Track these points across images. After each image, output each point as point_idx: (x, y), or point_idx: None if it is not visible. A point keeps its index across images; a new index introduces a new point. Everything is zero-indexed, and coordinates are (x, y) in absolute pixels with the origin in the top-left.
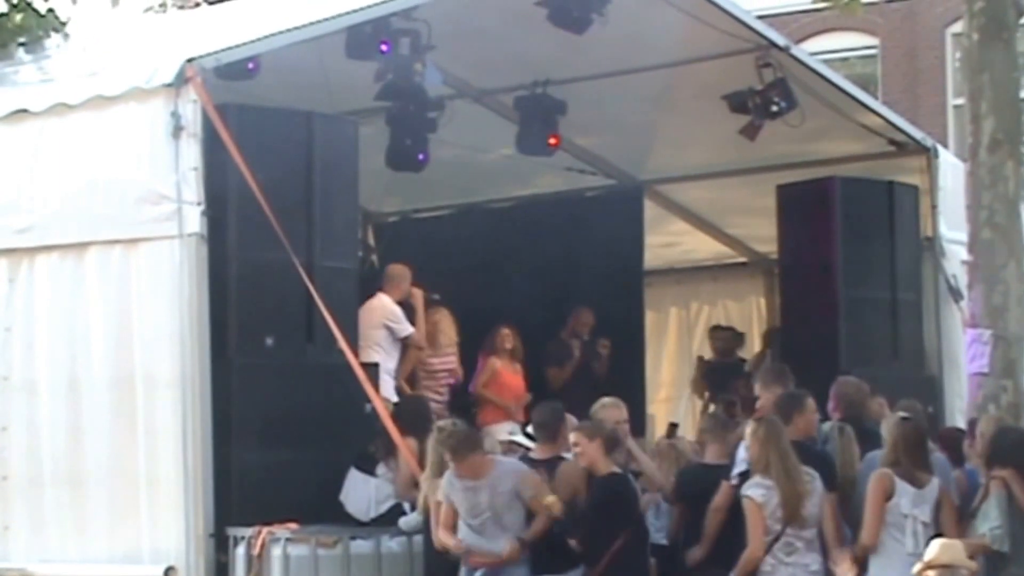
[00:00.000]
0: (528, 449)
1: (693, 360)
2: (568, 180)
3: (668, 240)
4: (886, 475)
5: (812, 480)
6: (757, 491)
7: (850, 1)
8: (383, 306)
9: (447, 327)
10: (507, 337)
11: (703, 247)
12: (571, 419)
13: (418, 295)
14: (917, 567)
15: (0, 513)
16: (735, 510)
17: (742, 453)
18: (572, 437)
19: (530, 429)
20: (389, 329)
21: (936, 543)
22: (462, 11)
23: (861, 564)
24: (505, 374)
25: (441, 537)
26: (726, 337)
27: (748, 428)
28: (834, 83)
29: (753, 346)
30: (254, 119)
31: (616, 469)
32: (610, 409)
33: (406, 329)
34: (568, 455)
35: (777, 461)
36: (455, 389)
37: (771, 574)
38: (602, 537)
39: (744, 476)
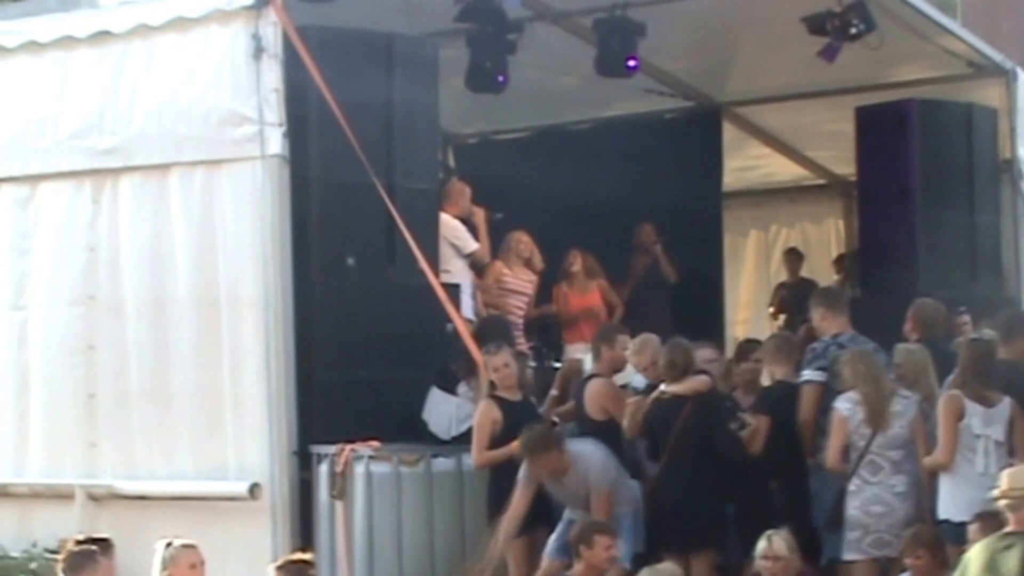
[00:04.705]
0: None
1: (772, 282)
2: (647, 102)
3: (746, 163)
4: (955, 396)
5: (905, 400)
6: (844, 404)
7: None
8: (445, 223)
9: (526, 248)
10: (574, 260)
11: (781, 169)
12: (624, 339)
13: (480, 213)
14: (995, 493)
15: (87, 431)
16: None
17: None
18: None
19: None
20: (453, 247)
21: (1005, 473)
22: None
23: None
24: (572, 297)
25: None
26: (799, 259)
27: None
28: (913, 5)
29: (816, 266)
30: (335, 41)
31: None
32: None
33: (470, 245)
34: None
35: (865, 372)
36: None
37: (857, 494)
38: None
39: None
